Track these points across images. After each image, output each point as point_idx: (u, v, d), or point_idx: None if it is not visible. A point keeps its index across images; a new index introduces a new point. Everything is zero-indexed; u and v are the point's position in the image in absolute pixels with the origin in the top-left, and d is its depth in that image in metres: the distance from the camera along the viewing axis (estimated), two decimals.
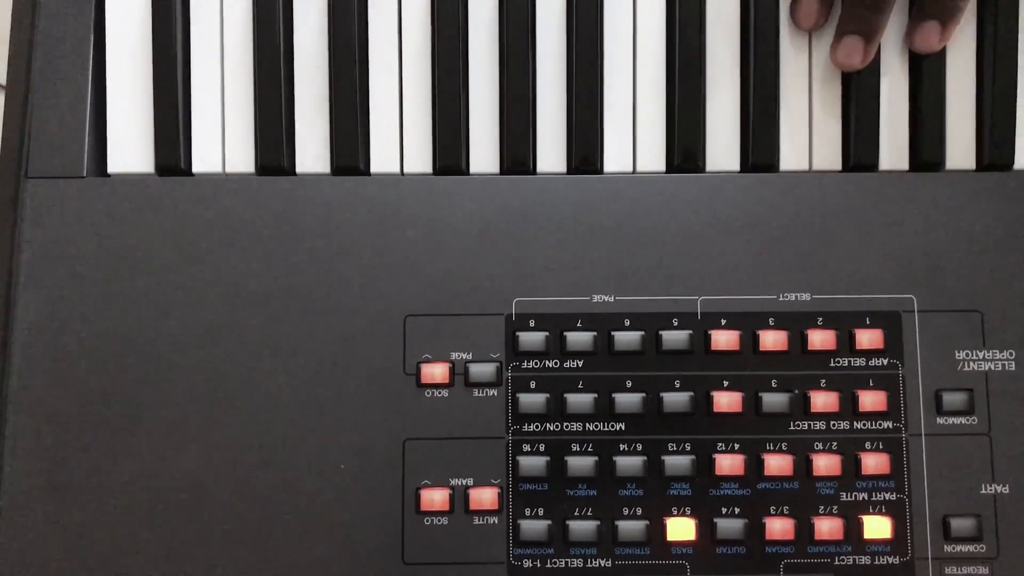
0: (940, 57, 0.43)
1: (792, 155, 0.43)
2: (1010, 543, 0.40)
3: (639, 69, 0.43)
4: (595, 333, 0.41)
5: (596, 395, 0.40)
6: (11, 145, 0.43)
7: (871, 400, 0.40)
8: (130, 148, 0.43)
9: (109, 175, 0.43)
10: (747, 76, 0.43)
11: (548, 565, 0.39)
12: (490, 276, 0.41)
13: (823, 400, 0.40)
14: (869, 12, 0.41)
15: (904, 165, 0.43)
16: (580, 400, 0.40)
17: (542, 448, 0.40)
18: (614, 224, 0.41)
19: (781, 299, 0.41)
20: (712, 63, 0.43)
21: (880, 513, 0.40)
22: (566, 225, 0.41)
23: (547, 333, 0.41)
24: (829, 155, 0.43)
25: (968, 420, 0.40)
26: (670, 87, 0.43)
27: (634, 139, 0.43)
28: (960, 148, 0.43)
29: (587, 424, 0.40)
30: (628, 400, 0.40)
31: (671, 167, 0.43)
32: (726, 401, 0.40)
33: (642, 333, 0.40)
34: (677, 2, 0.43)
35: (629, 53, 0.43)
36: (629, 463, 0.40)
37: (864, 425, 0.40)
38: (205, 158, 0.43)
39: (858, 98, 0.43)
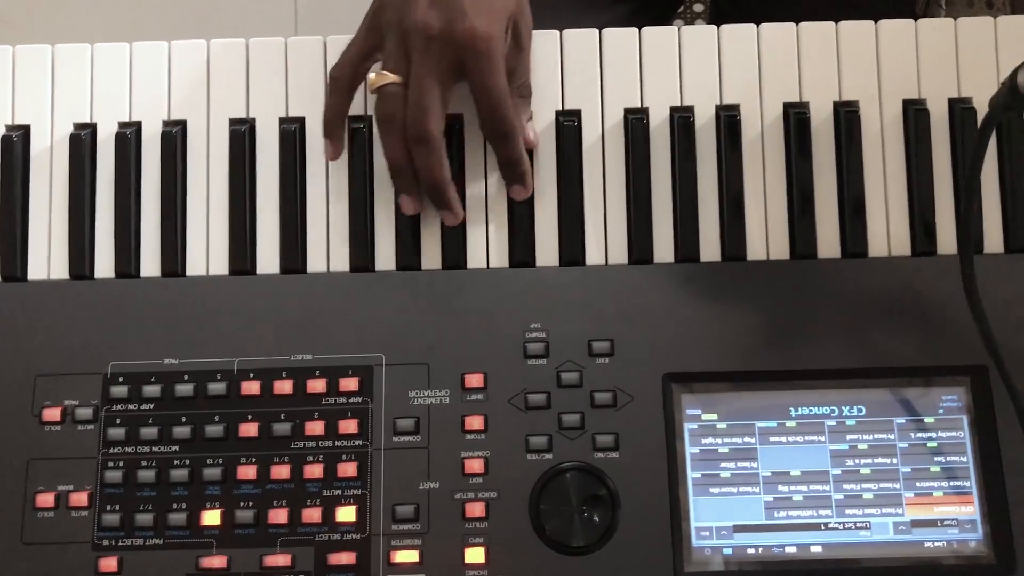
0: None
1: (315, 260, 0.63)
2: (437, 521, 0.57)
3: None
4: (162, 385, 0.60)
5: (160, 427, 0.59)
6: None
7: (348, 426, 0.59)
8: None
9: None
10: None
11: (119, 544, 0.57)
12: (94, 348, 0.60)
13: (315, 427, 0.59)
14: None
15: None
16: (149, 431, 0.59)
17: (121, 464, 0.59)
18: (187, 313, 0.61)
19: (292, 359, 0.60)
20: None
21: (349, 504, 0.58)
22: (151, 313, 0.61)
23: (129, 386, 0.60)
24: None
25: (414, 438, 0.59)
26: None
27: (207, 247, 0.63)
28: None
29: (152, 447, 0.59)
30: (181, 430, 0.59)
31: (233, 271, 0.63)
32: (249, 429, 0.59)
33: (194, 384, 0.60)
34: None
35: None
36: (179, 474, 0.58)
37: (342, 443, 0.59)
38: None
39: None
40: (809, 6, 0.68)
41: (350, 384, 0.59)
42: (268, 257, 0.63)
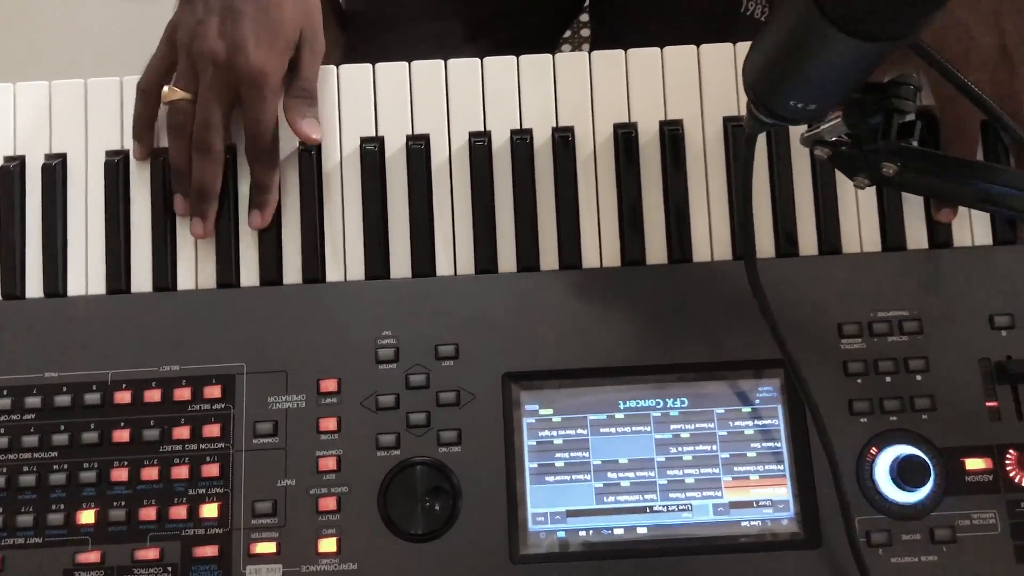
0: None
1: (184, 278, 0.68)
2: (292, 515, 0.63)
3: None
4: (43, 397, 0.65)
5: (40, 436, 0.64)
6: None
7: (211, 430, 0.64)
8: None
9: None
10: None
11: (1, 543, 0.63)
12: None
13: (182, 432, 0.64)
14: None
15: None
16: (30, 439, 0.64)
17: (4, 471, 0.64)
18: (66, 330, 0.66)
19: (161, 370, 0.65)
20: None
21: (213, 501, 0.63)
22: (34, 331, 0.66)
23: (12, 398, 0.65)
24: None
25: (273, 440, 0.64)
26: None
27: (86, 269, 0.68)
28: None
29: (33, 454, 0.64)
30: (60, 438, 0.64)
31: (109, 290, 0.68)
32: (121, 435, 0.64)
33: (72, 395, 0.65)
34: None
35: None
36: (57, 477, 0.63)
37: (206, 446, 0.64)
38: None
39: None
40: (685, 34, 0.73)
41: (214, 392, 0.65)
42: (141, 277, 0.68)
